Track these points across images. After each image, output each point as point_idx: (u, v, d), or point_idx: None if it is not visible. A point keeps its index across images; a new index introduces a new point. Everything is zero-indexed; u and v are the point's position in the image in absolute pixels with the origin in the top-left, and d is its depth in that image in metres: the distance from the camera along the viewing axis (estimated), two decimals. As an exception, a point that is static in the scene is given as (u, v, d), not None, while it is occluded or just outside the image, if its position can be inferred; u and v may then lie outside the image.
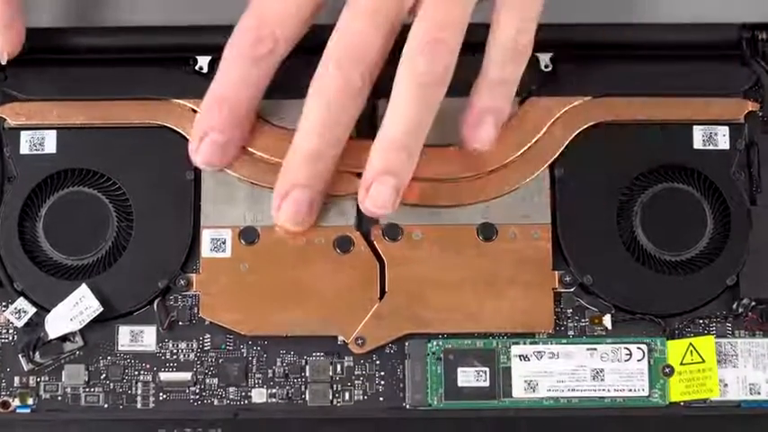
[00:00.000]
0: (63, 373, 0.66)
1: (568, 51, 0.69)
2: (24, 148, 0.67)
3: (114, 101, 0.68)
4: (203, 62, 0.69)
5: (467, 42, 0.62)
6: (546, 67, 0.69)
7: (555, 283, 0.67)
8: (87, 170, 0.67)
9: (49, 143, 0.67)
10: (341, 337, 0.66)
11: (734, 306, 0.67)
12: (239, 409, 0.66)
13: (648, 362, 0.66)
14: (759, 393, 0.66)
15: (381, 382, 0.66)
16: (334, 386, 0.66)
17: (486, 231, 0.67)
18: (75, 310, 0.65)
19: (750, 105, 0.68)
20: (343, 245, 0.67)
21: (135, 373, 0.66)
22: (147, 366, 0.66)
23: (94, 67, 0.68)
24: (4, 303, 0.66)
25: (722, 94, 0.68)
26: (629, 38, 0.69)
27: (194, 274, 0.67)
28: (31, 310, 0.66)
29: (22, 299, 0.66)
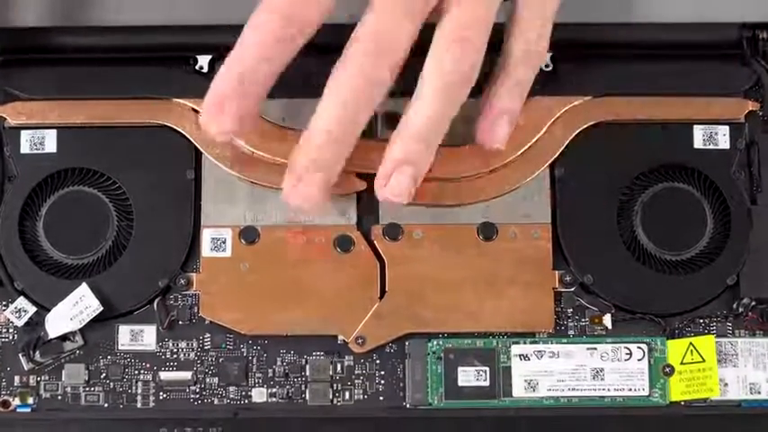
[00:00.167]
0: (63, 372, 0.66)
1: (568, 51, 0.69)
2: (25, 148, 0.67)
3: (115, 100, 0.68)
4: (204, 61, 0.69)
5: (494, 43, 0.62)
6: (546, 66, 0.69)
7: (555, 282, 0.67)
8: (87, 169, 0.67)
9: (50, 142, 0.67)
10: (341, 337, 0.66)
11: (734, 306, 0.67)
12: (239, 409, 0.66)
13: (649, 361, 0.66)
14: (759, 393, 0.66)
15: (381, 382, 0.66)
16: (335, 386, 0.66)
17: (487, 231, 0.67)
18: (76, 309, 0.65)
19: (750, 105, 0.68)
20: (344, 244, 0.67)
21: (135, 373, 0.66)
22: (148, 366, 0.66)
23: (95, 67, 0.68)
24: (4, 302, 0.66)
25: (723, 93, 0.68)
26: (629, 38, 0.69)
27: (194, 274, 0.67)
28: (32, 309, 0.66)
29: (22, 298, 0.66)
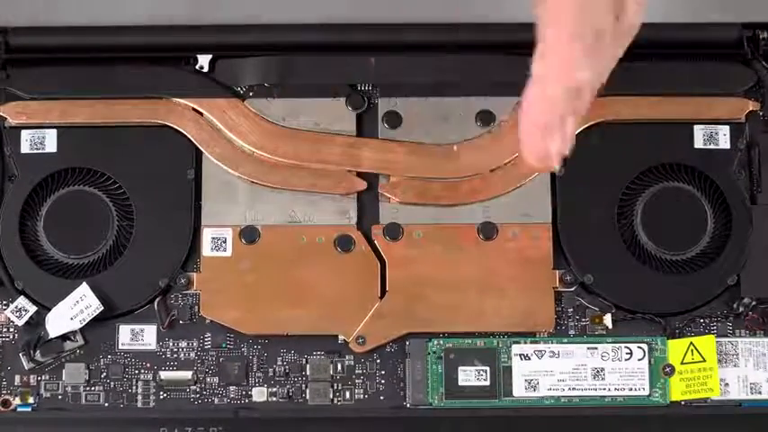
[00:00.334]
0: (63, 371, 0.66)
1: (569, 51, 0.69)
2: (25, 148, 0.67)
3: (115, 100, 0.68)
4: (204, 61, 0.69)
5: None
6: (547, 66, 0.69)
7: (555, 282, 0.67)
8: (88, 169, 0.68)
9: (50, 142, 0.67)
10: (341, 336, 0.66)
11: (734, 305, 0.67)
12: (240, 408, 0.66)
13: (649, 361, 0.66)
14: (760, 393, 0.66)
15: (382, 382, 0.66)
16: (335, 385, 0.66)
17: (487, 230, 0.67)
18: (76, 308, 0.65)
19: (751, 105, 0.68)
20: (344, 244, 0.67)
21: (135, 372, 0.66)
22: (148, 365, 0.66)
23: (95, 67, 0.68)
24: (4, 302, 0.66)
25: (723, 93, 0.68)
26: (629, 37, 0.69)
27: (195, 273, 0.67)
28: (32, 308, 0.66)
29: (22, 297, 0.66)
